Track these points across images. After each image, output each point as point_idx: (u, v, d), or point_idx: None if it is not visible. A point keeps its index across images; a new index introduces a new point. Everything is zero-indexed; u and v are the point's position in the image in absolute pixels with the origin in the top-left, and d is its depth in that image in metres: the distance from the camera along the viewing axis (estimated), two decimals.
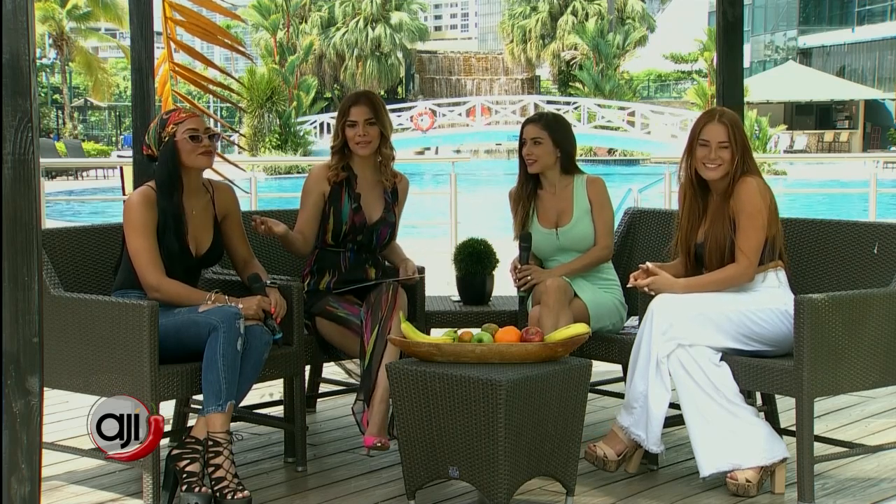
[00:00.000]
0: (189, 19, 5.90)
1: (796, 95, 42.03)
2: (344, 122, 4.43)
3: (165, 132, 3.93)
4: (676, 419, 4.00)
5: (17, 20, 2.36)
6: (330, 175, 4.45)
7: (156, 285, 3.83)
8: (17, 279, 2.38)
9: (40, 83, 44.91)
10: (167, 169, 3.92)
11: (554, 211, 4.61)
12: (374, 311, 4.16)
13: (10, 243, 2.37)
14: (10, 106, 2.36)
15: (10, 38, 2.36)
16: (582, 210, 4.57)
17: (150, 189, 3.93)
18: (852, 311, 3.80)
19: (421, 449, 3.60)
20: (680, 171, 4.18)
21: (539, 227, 4.61)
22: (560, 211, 4.60)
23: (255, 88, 31.86)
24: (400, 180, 4.57)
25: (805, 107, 44.16)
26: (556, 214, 4.60)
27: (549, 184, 4.63)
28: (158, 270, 3.85)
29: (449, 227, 11.00)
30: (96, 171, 29.03)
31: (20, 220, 2.38)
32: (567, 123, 4.75)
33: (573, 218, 4.56)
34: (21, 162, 2.37)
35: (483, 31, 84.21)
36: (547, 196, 4.64)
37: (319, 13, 52.48)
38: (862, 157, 29.62)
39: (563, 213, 4.59)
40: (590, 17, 50.42)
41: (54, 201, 19.15)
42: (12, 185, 2.37)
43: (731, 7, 5.24)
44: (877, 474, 4.10)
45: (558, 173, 4.61)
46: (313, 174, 4.49)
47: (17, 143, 2.36)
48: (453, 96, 48.35)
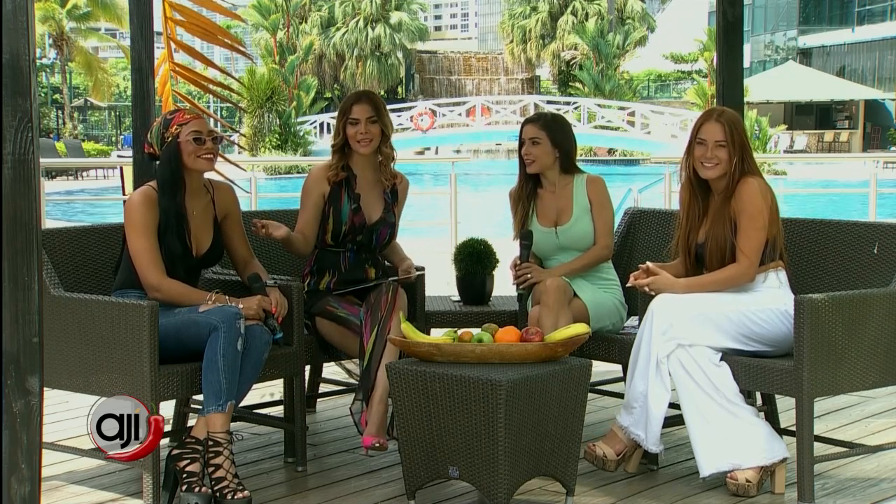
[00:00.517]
0: (189, 19, 5.90)
1: (796, 95, 42.02)
2: (346, 120, 4.43)
3: (169, 132, 3.92)
4: (676, 419, 4.00)
5: (17, 20, 2.36)
6: (330, 175, 4.45)
7: (156, 285, 3.83)
8: (17, 279, 2.38)
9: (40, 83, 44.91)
10: (169, 169, 3.91)
11: (553, 210, 4.61)
12: (374, 311, 4.16)
13: (10, 243, 2.37)
14: (10, 106, 2.36)
15: (10, 38, 2.36)
16: (581, 209, 4.57)
17: (151, 189, 3.92)
18: (852, 311, 3.80)
19: (421, 449, 3.59)
20: (681, 170, 4.18)
21: (538, 226, 4.61)
22: (560, 210, 4.60)
23: (255, 88, 31.85)
24: (400, 181, 4.57)
25: (805, 107, 44.15)
26: (555, 213, 4.60)
27: (549, 183, 4.63)
28: (159, 270, 3.85)
29: (449, 227, 11.00)
30: (96, 171, 29.03)
31: (20, 220, 2.38)
32: (566, 123, 4.75)
33: (573, 217, 4.56)
34: (21, 162, 2.37)
35: (483, 31, 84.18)
36: (547, 195, 4.64)
37: (319, 13, 52.47)
38: (862, 157, 29.62)
39: (563, 212, 4.59)
40: (590, 17, 50.41)
41: (54, 201, 19.13)
42: (12, 185, 2.37)
43: (731, 7, 5.24)
44: (877, 474, 4.10)
45: (558, 173, 4.61)
46: (313, 174, 4.49)
47: (17, 143, 2.37)
48: (453, 96, 48.34)
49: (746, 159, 4.03)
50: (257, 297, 3.93)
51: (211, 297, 3.85)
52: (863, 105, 43.76)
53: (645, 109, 38.42)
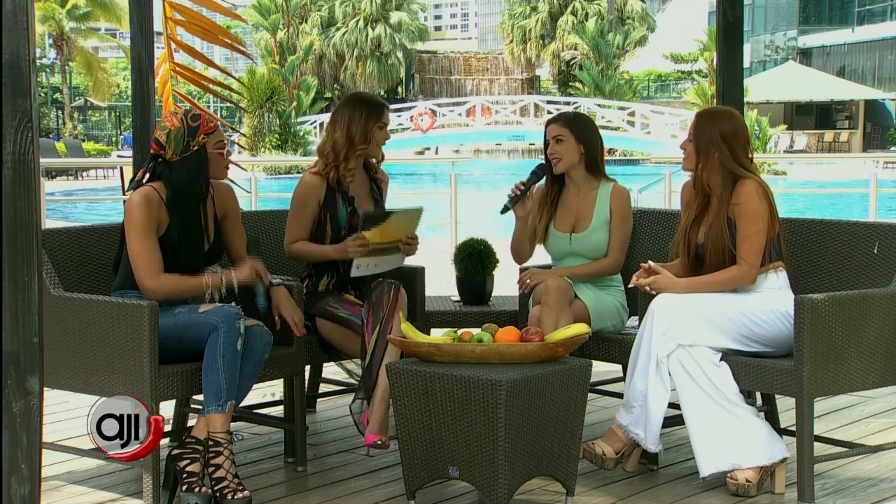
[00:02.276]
0: (189, 19, 5.90)
1: (796, 95, 42.03)
2: (376, 124, 4.45)
3: (196, 142, 3.87)
4: (676, 419, 4.00)
5: (17, 20, 2.36)
6: (331, 175, 4.43)
7: (152, 287, 3.79)
8: (17, 279, 2.38)
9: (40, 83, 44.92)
10: (196, 179, 3.88)
11: (573, 214, 4.54)
12: (376, 310, 4.16)
13: (10, 243, 2.37)
14: (10, 106, 2.36)
15: (10, 38, 2.36)
16: (601, 220, 4.51)
17: (153, 190, 3.87)
18: (852, 311, 3.80)
19: (421, 449, 3.60)
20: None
21: (554, 229, 4.58)
22: (579, 216, 4.53)
23: (255, 88, 31.84)
24: (382, 176, 4.64)
25: (805, 107, 44.16)
26: (574, 218, 4.54)
27: (574, 184, 4.57)
28: (155, 271, 3.81)
29: (449, 227, 11.00)
30: (96, 171, 29.03)
31: (20, 220, 2.38)
32: (590, 120, 4.68)
33: (590, 226, 4.51)
34: (21, 162, 2.37)
35: (483, 31, 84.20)
36: (570, 197, 4.57)
37: (319, 13, 52.46)
38: (862, 157, 29.60)
39: (582, 218, 4.53)
40: (590, 17, 50.40)
41: (54, 201, 19.13)
42: (12, 185, 2.37)
43: (731, 7, 5.24)
44: (877, 474, 4.10)
45: (583, 172, 4.55)
46: (307, 183, 4.45)
47: (17, 143, 2.36)
48: (453, 96, 48.32)
49: (740, 159, 4.02)
50: (248, 263, 3.98)
51: (207, 281, 3.86)
52: (863, 105, 43.76)
53: (645, 109, 38.43)
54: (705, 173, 4.04)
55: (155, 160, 3.92)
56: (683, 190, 4.24)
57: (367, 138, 4.43)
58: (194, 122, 3.90)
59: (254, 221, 4.87)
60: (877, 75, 44.75)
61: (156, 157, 3.92)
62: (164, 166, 3.89)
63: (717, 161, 4.01)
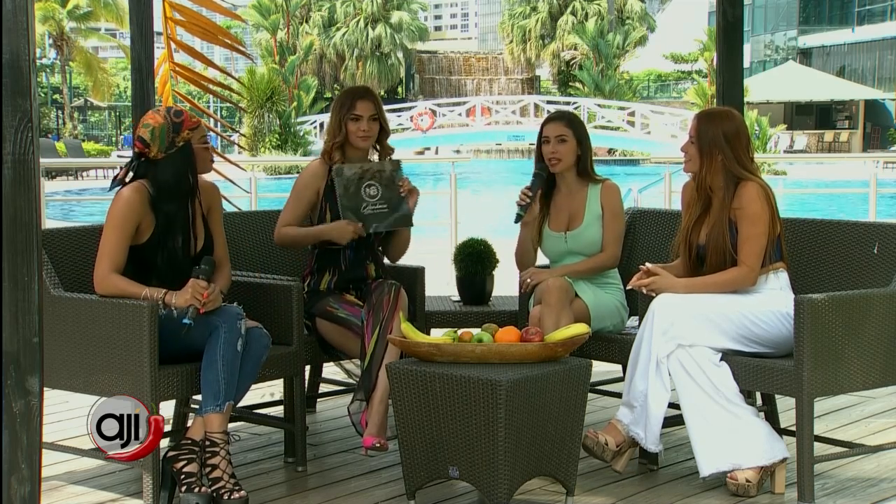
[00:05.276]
0: (189, 19, 5.91)
1: (796, 95, 42.03)
2: (347, 115, 4.41)
3: (181, 138, 3.85)
4: (676, 419, 4.00)
5: (17, 20, 2.36)
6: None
7: (98, 283, 3.76)
8: (17, 279, 2.38)
9: (40, 83, 44.92)
10: (184, 176, 3.86)
11: (565, 213, 4.56)
12: (376, 311, 4.16)
13: (10, 243, 2.37)
14: (10, 106, 2.36)
15: (10, 38, 2.36)
16: (593, 215, 4.52)
17: (145, 188, 3.84)
18: (852, 311, 3.80)
19: (421, 449, 3.59)
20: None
21: (548, 230, 4.58)
22: (571, 214, 4.55)
23: (255, 88, 31.85)
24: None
25: (805, 107, 44.16)
26: (567, 217, 4.56)
27: (566, 184, 4.58)
28: (108, 270, 3.76)
29: (449, 227, 11.00)
30: (96, 171, 29.02)
31: (20, 220, 2.38)
32: (582, 122, 4.71)
33: (583, 223, 4.52)
34: (21, 162, 2.37)
35: (483, 31, 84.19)
36: (561, 198, 4.59)
37: (320, 13, 52.47)
38: (862, 157, 29.60)
39: (575, 216, 4.54)
40: (590, 17, 50.40)
41: (54, 201, 19.13)
42: (12, 185, 2.37)
43: (731, 7, 5.24)
44: (877, 474, 4.10)
45: (575, 174, 4.57)
46: (312, 170, 4.47)
47: (17, 143, 2.37)
48: (453, 96, 48.29)
49: (718, 158, 4.01)
50: (191, 292, 3.73)
51: (146, 295, 3.70)
52: (863, 105, 43.77)
53: (645, 109, 38.41)
54: (708, 175, 4.04)
55: (138, 159, 3.88)
56: (684, 190, 4.24)
57: (342, 130, 4.43)
58: (178, 118, 3.87)
59: (254, 221, 4.87)
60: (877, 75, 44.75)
61: (139, 157, 3.88)
62: (148, 165, 3.86)
63: (720, 163, 4.01)
